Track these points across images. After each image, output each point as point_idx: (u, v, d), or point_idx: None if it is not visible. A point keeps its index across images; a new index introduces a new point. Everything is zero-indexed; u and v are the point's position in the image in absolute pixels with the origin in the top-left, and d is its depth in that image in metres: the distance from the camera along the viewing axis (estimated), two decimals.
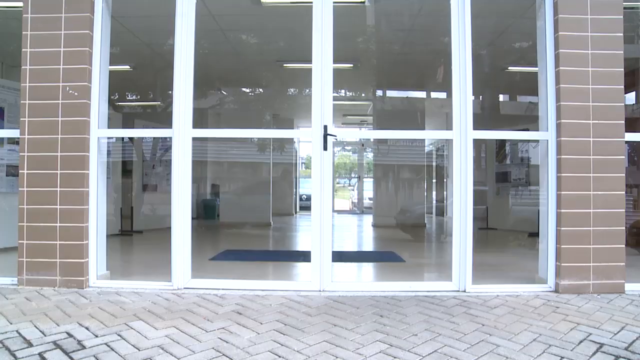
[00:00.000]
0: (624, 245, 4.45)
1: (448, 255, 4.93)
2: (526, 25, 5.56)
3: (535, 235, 5.11)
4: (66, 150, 4.51)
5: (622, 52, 4.47)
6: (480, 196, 11.21)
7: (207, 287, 4.54)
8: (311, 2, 4.68)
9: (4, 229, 6.12)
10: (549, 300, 4.25)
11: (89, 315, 3.69)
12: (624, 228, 4.48)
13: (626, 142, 4.52)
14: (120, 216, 9.37)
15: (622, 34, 4.49)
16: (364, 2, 6.73)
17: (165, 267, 4.67)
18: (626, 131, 4.49)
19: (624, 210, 4.46)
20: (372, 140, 13.92)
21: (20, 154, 4.55)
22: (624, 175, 4.47)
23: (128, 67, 9.57)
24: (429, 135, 13.86)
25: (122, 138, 9.77)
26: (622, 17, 4.50)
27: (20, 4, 4.62)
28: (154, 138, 10.63)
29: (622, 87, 4.49)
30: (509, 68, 9.68)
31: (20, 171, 4.55)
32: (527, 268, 5.42)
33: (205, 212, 13.04)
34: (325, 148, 4.61)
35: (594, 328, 3.49)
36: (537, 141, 5.00)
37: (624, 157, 4.49)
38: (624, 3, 4.54)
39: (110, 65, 4.88)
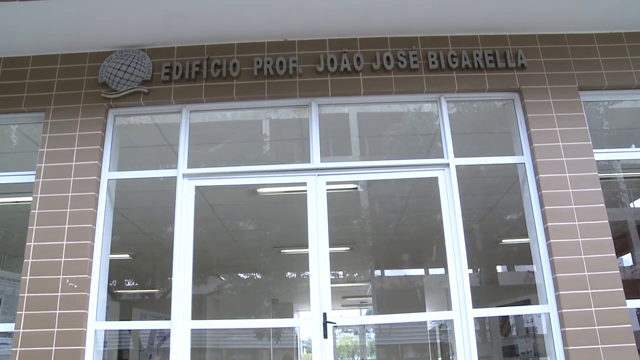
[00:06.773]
0: None
1: None
2: (514, 199, 5.77)
3: None
4: (61, 344, 4.38)
5: (607, 221, 4.60)
6: None
7: None
8: (305, 190, 4.88)
9: None
10: None
11: None
12: None
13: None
14: None
15: (604, 205, 4.65)
16: (356, 188, 7.02)
17: None
18: (629, 294, 4.44)
19: None
20: None
21: (13, 349, 4.40)
22: (634, 344, 4.33)
23: (127, 255, 9.70)
24: (429, 317, 13.83)
25: None
26: (600, 189, 4.69)
27: (29, 198, 4.81)
28: None
29: (614, 254, 4.55)
30: (503, 241, 9.85)
31: None
32: None
33: None
34: (325, 336, 4.50)
35: None
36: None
37: (629, 325, 4.38)
38: (600, 174, 4.77)
39: (110, 254, 4.94)
